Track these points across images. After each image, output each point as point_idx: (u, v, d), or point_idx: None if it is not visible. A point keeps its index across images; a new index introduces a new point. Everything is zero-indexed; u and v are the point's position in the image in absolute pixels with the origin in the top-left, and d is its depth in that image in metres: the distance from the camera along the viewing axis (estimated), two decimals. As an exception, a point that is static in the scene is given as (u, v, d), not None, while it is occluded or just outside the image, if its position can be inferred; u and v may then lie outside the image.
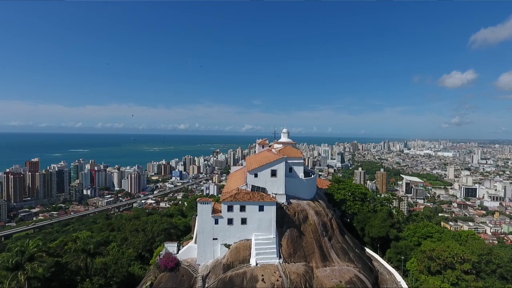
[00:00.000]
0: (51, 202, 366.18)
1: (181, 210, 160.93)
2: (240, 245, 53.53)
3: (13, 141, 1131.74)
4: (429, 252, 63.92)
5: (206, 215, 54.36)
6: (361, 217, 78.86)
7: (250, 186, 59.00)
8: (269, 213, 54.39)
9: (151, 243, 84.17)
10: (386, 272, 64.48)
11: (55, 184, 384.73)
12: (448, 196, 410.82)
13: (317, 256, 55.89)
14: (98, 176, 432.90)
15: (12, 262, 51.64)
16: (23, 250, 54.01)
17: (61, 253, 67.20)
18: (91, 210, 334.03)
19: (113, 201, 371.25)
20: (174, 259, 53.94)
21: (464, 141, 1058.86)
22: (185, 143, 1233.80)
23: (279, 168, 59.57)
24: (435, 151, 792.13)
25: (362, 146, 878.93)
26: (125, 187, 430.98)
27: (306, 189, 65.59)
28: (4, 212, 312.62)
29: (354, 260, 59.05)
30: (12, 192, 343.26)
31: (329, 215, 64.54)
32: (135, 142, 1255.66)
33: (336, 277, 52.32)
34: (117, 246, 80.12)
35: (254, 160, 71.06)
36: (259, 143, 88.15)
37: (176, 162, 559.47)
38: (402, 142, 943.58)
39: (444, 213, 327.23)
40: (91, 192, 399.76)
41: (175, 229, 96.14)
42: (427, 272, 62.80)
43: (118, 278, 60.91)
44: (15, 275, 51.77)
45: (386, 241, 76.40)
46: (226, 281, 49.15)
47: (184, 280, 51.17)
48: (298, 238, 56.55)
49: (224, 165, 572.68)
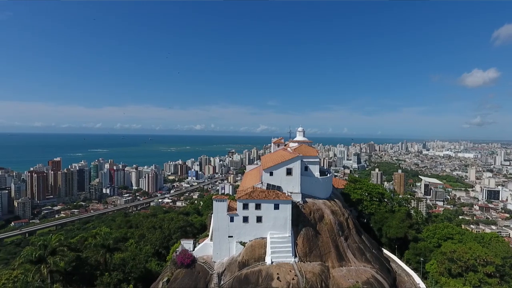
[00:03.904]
0: (72, 200, 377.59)
1: (197, 209, 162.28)
2: (255, 243, 53.56)
3: (37, 141, 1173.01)
4: (450, 254, 62.04)
5: (222, 213, 54.69)
6: (378, 218, 77.45)
7: (266, 184, 59.00)
8: (284, 212, 54.20)
9: (168, 240, 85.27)
10: (404, 273, 63.01)
11: (76, 182, 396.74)
12: (469, 199, 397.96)
13: (333, 256, 55.23)
14: (117, 176, 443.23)
15: (36, 255, 53.65)
16: (46, 245, 55.98)
17: (82, 248, 69.07)
18: (110, 208, 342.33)
19: (131, 200, 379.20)
20: (190, 256, 54.46)
21: (486, 142, 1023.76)
22: (201, 143, 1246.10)
23: (294, 166, 59.32)
24: (455, 152, 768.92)
25: (379, 147, 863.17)
26: (142, 186, 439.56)
27: (322, 188, 64.97)
28: (28, 209, 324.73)
29: (371, 261, 58.06)
30: (35, 190, 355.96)
31: (345, 214, 63.72)
32: (152, 142, 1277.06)
33: (352, 277, 51.58)
34: (135, 243, 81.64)
35: (269, 158, 71.00)
36: (275, 142, 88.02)
37: (192, 162, 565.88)
38: (420, 143, 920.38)
39: (465, 216, 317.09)
40: (110, 191, 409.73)
41: (191, 227, 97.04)
42: (447, 274, 61.04)
43: (136, 273, 61.98)
44: (38, 268, 53.73)
45: (404, 242, 74.71)
46: (242, 279, 49.26)
47: (200, 277, 51.61)
48: (313, 237, 56.09)
49: (239, 165, 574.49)
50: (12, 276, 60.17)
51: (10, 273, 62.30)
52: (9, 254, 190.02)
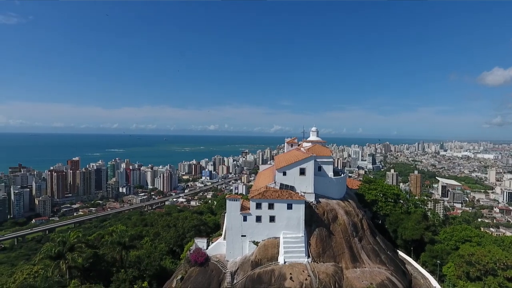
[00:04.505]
0: (90, 198, 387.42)
1: (211, 208, 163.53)
2: (268, 243, 53.59)
3: (56, 141, 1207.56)
4: (468, 257, 60.41)
5: (235, 212, 54.98)
6: (393, 219, 76.19)
7: (279, 184, 58.95)
8: (297, 212, 54.03)
9: (182, 238, 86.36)
10: (420, 276, 61.88)
11: (93, 181, 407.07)
12: (489, 201, 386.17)
13: (347, 257, 54.70)
14: (133, 175, 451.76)
15: (55, 251, 55.42)
16: (65, 241, 57.77)
17: (99, 245, 70.87)
18: (126, 207, 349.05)
19: (146, 199, 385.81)
20: (203, 254, 54.99)
21: (507, 142, 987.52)
22: (215, 143, 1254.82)
23: (308, 166, 59.04)
24: (474, 153, 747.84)
25: (394, 147, 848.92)
26: (157, 185, 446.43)
27: (336, 188, 64.43)
28: (48, 207, 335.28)
29: (386, 262, 57.19)
30: (55, 189, 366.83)
31: (359, 215, 63.00)
32: (167, 142, 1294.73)
33: (367, 278, 50.95)
34: (150, 241, 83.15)
35: (282, 158, 70.93)
36: (288, 142, 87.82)
37: (206, 162, 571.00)
38: (438, 144, 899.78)
39: (484, 218, 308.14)
40: (126, 190, 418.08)
41: (205, 226, 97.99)
42: (465, 278, 59.46)
43: (150, 271, 63.07)
44: (58, 264, 55.47)
45: (421, 244, 73.26)
46: (255, 278, 49.40)
47: (213, 275, 52.08)
48: (327, 238, 55.70)
49: (253, 165, 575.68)
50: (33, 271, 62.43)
51: (31, 268, 64.66)
52: (30, 250, 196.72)
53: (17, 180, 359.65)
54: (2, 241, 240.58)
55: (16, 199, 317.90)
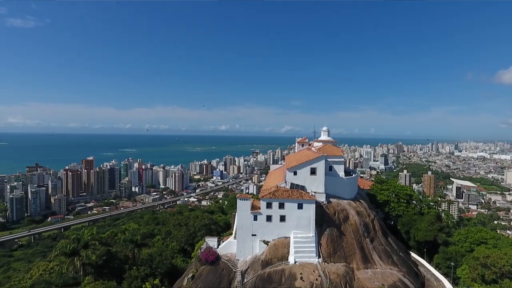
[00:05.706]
0: (103, 197, 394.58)
1: (222, 208, 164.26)
2: (278, 242, 53.59)
3: (71, 141, 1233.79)
4: (484, 259, 59.20)
5: (246, 211, 55.13)
6: (406, 220, 75.16)
7: (289, 183, 58.90)
8: (308, 211, 53.84)
9: (193, 237, 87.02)
10: (433, 278, 60.86)
11: (107, 181, 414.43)
12: (506, 203, 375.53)
13: (358, 257, 54.24)
14: (145, 175, 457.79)
15: (70, 248, 56.73)
16: (79, 238, 59.09)
17: (112, 243, 72.11)
18: (138, 206, 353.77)
19: (158, 198, 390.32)
20: (214, 253, 55.36)
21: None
22: (226, 143, 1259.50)
23: (318, 166, 58.77)
24: (490, 154, 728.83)
25: (407, 148, 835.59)
26: (169, 185, 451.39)
27: (347, 188, 63.95)
28: (63, 206, 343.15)
29: (398, 264, 56.49)
30: (70, 188, 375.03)
31: (371, 216, 62.40)
32: (179, 142, 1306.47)
33: (378, 280, 50.45)
34: (162, 239, 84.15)
35: (293, 158, 70.83)
36: (299, 142, 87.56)
37: (217, 162, 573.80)
38: (452, 144, 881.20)
39: (500, 221, 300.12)
40: (139, 189, 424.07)
41: (216, 225, 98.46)
42: (480, 280, 58.26)
43: (162, 269, 63.80)
44: (72, 261, 56.79)
45: (434, 246, 72.12)
46: (265, 278, 49.48)
47: (223, 274, 52.39)
48: (338, 238, 55.34)
49: (264, 165, 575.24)
50: (49, 268, 64.19)
51: (46, 264, 66.50)
52: (46, 247, 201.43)
53: (34, 179, 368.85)
54: (20, 238, 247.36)
55: (33, 197, 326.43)
